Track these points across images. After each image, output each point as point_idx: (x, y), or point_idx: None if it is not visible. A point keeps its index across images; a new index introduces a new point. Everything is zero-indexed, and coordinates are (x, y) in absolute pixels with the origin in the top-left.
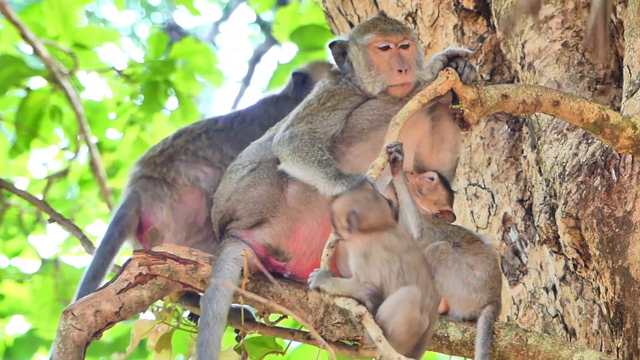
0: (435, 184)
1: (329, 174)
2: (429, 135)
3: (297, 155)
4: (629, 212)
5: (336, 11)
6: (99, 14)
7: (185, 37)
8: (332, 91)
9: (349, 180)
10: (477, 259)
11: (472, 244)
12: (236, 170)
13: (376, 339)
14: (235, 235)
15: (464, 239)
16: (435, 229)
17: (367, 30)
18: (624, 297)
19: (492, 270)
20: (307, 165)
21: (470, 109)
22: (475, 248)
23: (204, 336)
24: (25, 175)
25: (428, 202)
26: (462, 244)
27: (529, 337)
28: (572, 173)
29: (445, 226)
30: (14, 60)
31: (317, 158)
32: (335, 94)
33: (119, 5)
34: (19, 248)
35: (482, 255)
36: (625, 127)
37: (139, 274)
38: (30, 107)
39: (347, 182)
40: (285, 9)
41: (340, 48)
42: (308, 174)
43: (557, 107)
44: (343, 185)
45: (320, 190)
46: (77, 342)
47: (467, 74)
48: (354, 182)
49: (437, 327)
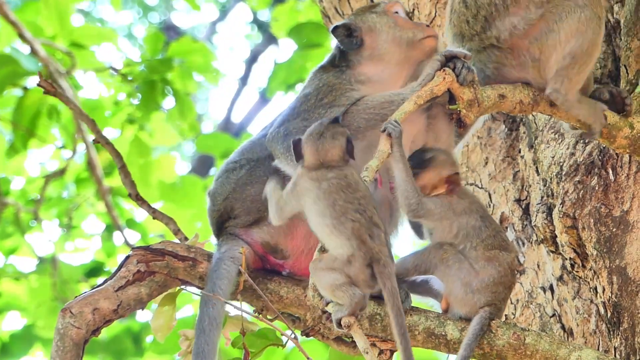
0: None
1: None
2: (423, 133)
3: (291, 153)
4: (626, 211)
5: (333, 11)
6: (96, 14)
7: (182, 36)
8: (331, 85)
9: None
10: (488, 264)
11: (491, 250)
12: (233, 169)
13: (363, 350)
14: (233, 234)
15: (484, 242)
16: (455, 220)
17: (376, 4)
18: (621, 296)
19: (499, 278)
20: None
21: (467, 109)
22: (490, 254)
23: (200, 344)
24: (22, 174)
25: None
26: (479, 248)
27: (527, 336)
28: (569, 173)
29: (469, 221)
30: (11, 60)
31: None
32: (334, 89)
33: (116, 5)
34: (15, 245)
35: (495, 262)
36: (623, 127)
37: (137, 271)
38: (27, 106)
39: None
40: (283, 6)
41: (346, 30)
42: None
43: (554, 107)
44: None
45: None
46: (76, 340)
47: (464, 75)
48: None
49: (435, 325)
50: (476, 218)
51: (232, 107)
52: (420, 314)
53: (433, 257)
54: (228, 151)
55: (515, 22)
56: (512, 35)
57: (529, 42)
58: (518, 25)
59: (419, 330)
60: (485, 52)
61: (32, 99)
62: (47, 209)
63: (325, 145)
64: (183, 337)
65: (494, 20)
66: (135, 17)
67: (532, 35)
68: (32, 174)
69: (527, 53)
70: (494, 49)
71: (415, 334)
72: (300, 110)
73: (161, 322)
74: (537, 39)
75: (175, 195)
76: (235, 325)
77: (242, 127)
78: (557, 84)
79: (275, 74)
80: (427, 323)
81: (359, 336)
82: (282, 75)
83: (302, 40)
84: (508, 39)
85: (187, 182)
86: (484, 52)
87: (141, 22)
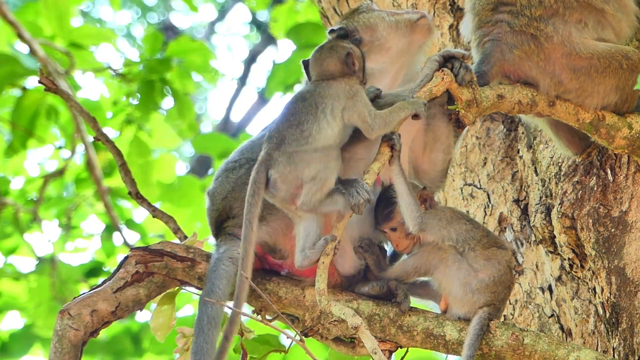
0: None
1: None
2: (422, 133)
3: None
4: (624, 212)
5: (332, 11)
6: (95, 14)
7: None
8: None
9: (347, 186)
10: (487, 263)
11: (488, 249)
12: (233, 169)
13: (372, 350)
14: (232, 234)
15: (480, 242)
16: (450, 228)
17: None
18: (620, 297)
19: (499, 276)
20: None
21: (466, 110)
22: (488, 253)
23: (198, 343)
24: (22, 174)
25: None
26: (477, 249)
27: (526, 336)
28: (568, 173)
29: (461, 226)
30: (10, 60)
31: None
32: None
33: (115, 5)
34: (14, 245)
35: (494, 260)
36: (621, 127)
37: (136, 272)
38: (26, 106)
39: (343, 188)
40: (282, 6)
41: (341, 32)
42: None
43: (553, 108)
44: (339, 192)
45: None
46: (74, 341)
47: (462, 75)
48: (350, 189)
49: (434, 325)
50: (464, 222)
51: (231, 107)
52: (419, 315)
53: (432, 258)
54: (226, 151)
55: (573, 33)
56: (561, 43)
57: (566, 63)
58: (574, 38)
59: (417, 331)
60: (520, 36)
61: (31, 99)
62: (46, 209)
63: (321, 56)
64: (180, 334)
65: (555, 17)
66: (133, 17)
67: (575, 62)
68: (31, 174)
69: (556, 67)
70: (532, 39)
71: (414, 335)
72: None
73: (160, 322)
74: (575, 71)
75: (174, 196)
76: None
77: (240, 127)
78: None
79: (274, 74)
80: (425, 323)
81: (366, 337)
82: (280, 76)
83: (301, 41)
84: (555, 41)
85: (185, 182)
86: (520, 35)
87: (140, 23)
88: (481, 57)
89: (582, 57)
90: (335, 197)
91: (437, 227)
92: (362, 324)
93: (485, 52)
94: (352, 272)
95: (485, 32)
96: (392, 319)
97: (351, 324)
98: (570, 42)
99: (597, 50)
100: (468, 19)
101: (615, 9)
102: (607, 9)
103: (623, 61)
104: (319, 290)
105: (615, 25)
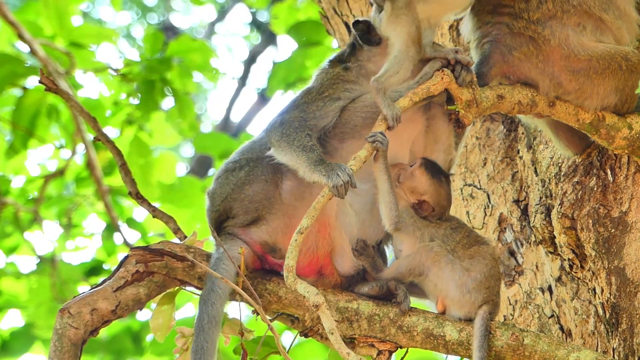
0: (412, 171)
1: (310, 159)
2: (423, 134)
3: (284, 140)
4: (624, 212)
5: (332, 11)
6: (95, 15)
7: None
8: (334, 79)
9: (328, 169)
10: (473, 261)
11: (469, 249)
12: (233, 169)
13: (329, 330)
14: (232, 233)
15: (460, 244)
16: (425, 230)
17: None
18: (620, 297)
19: (489, 270)
20: (292, 150)
21: (465, 110)
22: (471, 252)
23: (199, 342)
24: (22, 173)
25: (405, 189)
26: (457, 250)
27: (525, 336)
28: (567, 173)
29: (437, 229)
30: (11, 60)
31: (302, 143)
32: (337, 82)
33: (115, 6)
34: (15, 244)
35: (479, 257)
36: (621, 128)
37: (136, 272)
38: (26, 106)
39: (325, 170)
40: (282, 4)
41: (365, 26)
42: (292, 158)
43: (553, 108)
44: (321, 173)
45: (300, 173)
46: (74, 340)
47: (462, 77)
48: (331, 172)
49: (434, 326)
50: (445, 227)
51: (231, 107)
52: (419, 315)
53: (425, 260)
54: (226, 151)
55: (571, 35)
56: (559, 45)
57: (565, 65)
58: (572, 41)
59: (417, 331)
60: (519, 38)
61: (31, 98)
62: (46, 208)
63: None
64: (180, 334)
65: (553, 20)
66: (134, 17)
67: (574, 64)
68: (32, 174)
69: (556, 69)
70: (531, 42)
71: (414, 335)
72: (300, 103)
73: (160, 322)
74: (574, 73)
75: (174, 196)
76: (232, 328)
77: (240, 127)
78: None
79: (275, 72)
80: (425, 324)
81: (325, 317)
82: (282, 74)
83: (302, 39)
84: (552, 44)
85: (185, 183)
86: (519, 36)
87: (140, 23)
88: (480, 58)
89: (581, 58)
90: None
91: (411, 227)
92: (324, 303)
93: (485, 53)
94: (352, 272)
95: (484, 32)
96: (392, 319)
97: (313, 302)
98: (567, 45)
99: (596, 51)
100: (467, 19)
101: (615, 16)
102: (605, 17)
103: (622, 62)
104: (288, 267)
105: (615, 32)
